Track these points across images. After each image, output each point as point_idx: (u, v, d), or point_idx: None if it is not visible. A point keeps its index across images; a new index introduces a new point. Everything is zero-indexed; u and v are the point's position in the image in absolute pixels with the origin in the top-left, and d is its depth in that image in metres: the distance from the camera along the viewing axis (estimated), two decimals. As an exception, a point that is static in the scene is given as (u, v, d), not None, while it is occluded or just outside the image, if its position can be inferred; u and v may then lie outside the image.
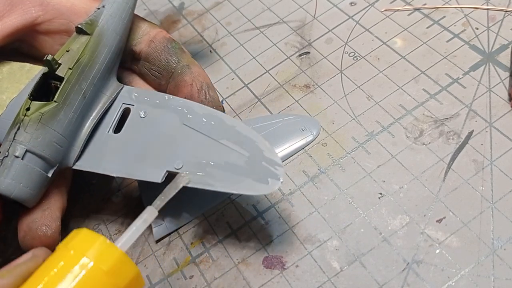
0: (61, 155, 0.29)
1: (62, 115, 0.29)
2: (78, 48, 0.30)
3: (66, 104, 0.29)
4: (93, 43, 0.31)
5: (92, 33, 0.31)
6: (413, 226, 0.30)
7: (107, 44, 0.31)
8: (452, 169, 0.31)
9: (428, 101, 0.35)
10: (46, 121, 0.28)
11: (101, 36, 0.31)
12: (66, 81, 0.29)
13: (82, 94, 0.29)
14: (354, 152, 0.34)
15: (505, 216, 0.29)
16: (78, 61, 0.30)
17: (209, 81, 0.34)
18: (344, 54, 0.40)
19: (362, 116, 0.35)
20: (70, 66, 0.29)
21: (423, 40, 0.38)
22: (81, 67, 0.30)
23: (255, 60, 0.42)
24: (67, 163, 0.29)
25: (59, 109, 0.28)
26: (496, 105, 0.33)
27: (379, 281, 0.28)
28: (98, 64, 0.31)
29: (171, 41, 0.34)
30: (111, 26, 0.32)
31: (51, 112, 0.28)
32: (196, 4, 0.48)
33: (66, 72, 0.29)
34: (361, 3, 0.43)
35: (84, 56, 0.30)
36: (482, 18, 0.38)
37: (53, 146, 0.28)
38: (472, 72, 0.36)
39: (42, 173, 0.28)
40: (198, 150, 0.28)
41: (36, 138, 0.28)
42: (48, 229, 0.28)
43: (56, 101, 0.28)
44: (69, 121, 0.29)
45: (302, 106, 0.37)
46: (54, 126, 0.28)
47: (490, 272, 0.27)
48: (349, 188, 0.32)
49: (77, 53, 0.30)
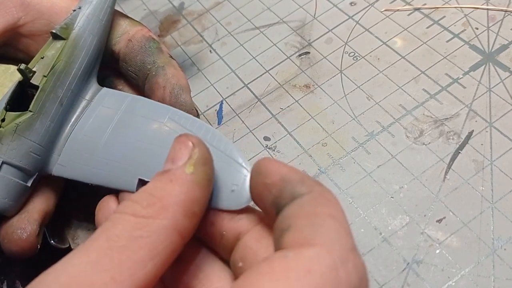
0: (40, 163, 0.28)
1: (38, 125, 0.28)
2: (53, 54, 0.29)
3: (42, 113, 0.28)
4: (68, 48, 0.30)
5: (67, 37, 0.30)
6: (413, 226, 0.30)
7: (83, 48, 0.30)
8: (452, 169, 0.31)
9: (428, 101, 0.35)
10: (21, 132, 0.27)
11: (77, 40, 0.30)
12: (41, 90, 0.28)
13: (58, 102, 0.29)
14: (354, 152, 0.34)
15: (505, 216, 0.29)
16: (53, 68, 0.29)
17: (183, 83, 0.32)
18: (344, 54, 0.40)
19: (362, 116, 0.35)
20: (44, 74, 0.29)
21: (423, 40, 0.38)
22: (56, 74, 0.29)
23: (255, 60, 0.42)
24: (47, 170, 0.29)
25: (35, 118, 0.28)
26: (496, 105, 0.33)
27: (379, 281, 0.28)
28: (75, 69, 0.30)
29: (150, 40, 0.33)
30: (87, 28, 0.31)
31: (27, 122, 0.27)
32: (196, 4, 0.48)
33: (41, 80, 0.28)
34: (361, 3, 0.43)
35: (59, 62, 0.29)
36: (482, 18, 0.38)
37: (30, 156, 0.28)
38: (472, 72, 0.36)
39: (21, 183, 0.27)
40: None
41: (12, 149, 0.27)
42: (23, 232, 0.28)
43: (32, 111, 0.28)
44: (46, 129, 0.28)
45: (302, 106, 0.37)
46: (31, 136, 0.28)
47: (490, 272, 0.27)
48: (349, 188, 0.32)
49: (52, 59, 0.29)
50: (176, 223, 0.20)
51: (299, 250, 0.18)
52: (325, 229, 0.19)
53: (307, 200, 0.20)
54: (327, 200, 0.20)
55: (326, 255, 0.18)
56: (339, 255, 0.18)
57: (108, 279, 0.18)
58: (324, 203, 0.20)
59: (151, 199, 0.21)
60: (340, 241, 0.18)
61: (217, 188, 0.24)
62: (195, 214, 0.21)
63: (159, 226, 0.20)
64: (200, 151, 0.22)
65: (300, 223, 0.19)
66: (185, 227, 0.21)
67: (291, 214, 0.20)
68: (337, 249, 0.18)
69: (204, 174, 0.22)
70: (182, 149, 0.22)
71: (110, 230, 0.20)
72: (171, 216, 0.20)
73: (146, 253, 0.19)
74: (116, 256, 0.19)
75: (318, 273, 0.17)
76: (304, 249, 0.18)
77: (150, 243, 0.19)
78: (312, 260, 0.17)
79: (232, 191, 0.24)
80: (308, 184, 0.21)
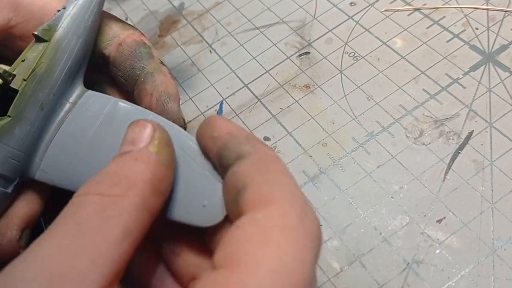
0: (21, 169, 0.27)
1: (17, 130, 0.27)
2: (35, 57, 0.29)
3: (21, 118, 0.27)
4: (51, 50, 0.29)
5: (50, 39, 0.29)
6: (413, 226, 0.30)
7: (67, 50, 0.29)
8: (452, 169, 0.31)
9: (428, 101, 0.35)
10: (0, 137, 0.27)
11: (60, 41, 0.29)
12: (20, 94, 0.27)
13: (39, 106, 0.28)
14: (354, 152, 0.34)
15: (505, 216, 0.29)
16: (33, 71, 0.28)
17: (172, 91, 0.31)
18: (344, 54, 0.40)
19: (362, 116, 0.35)
20: (24, 77, 0.28)
21: (423, 40, 0.38)
22: (37, 77, 0.28)
23: (255, 60, 0.42)
24: (29, 175, 0.28)
25: (14, 123, 0.27)
26: (496, 105, 0.33)
27: (379, 281, 0.28)
28: (57, 72, 0.29)
29: (141, 45, 0.33)
30: (72, 29, 0.30)
31: (5, 128, 0.27)
32: (196, 4, 0.48)
33: (20, 84, 0.28)
34: (361, 3, 0.43)
35: (40, 65, 0.28)
36: (482, 18, 0.38)
37: (9, 162, 0.27)
38: (472, 72, 0.36)
39: (0, 189, 0.27)
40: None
41: None
42: (4, 237, 0.27)
43: (10, 116, 0.27)
44: (26, 134, 0.27)
45: (302, 106, 0.37)
46: (9, 142, 0.27)
47: (490, 272, 0.27)
48: (349, 188, 0.32)
49: (33, 62, 0.28)
50: (145, 200, 0.20)
51: (266, 210, 0.19)
52: (281, 186, 0.20)
53: (256, 159, 0.21)
54: (273, 158, 0.21)
55: (291, 210, 0.19)
56: (300, 209, 0.19)
57: (89, 262, 0.18)
58: (271, 160, 0.21)
59: (116, 178, 0.20)
60: (296, 196, 0.20)
61: (187, 202, 0.23)
62: (162, 192, 0.21)
63: (128, 204, 0.20)
64: (161, 133, 0.22)
65: (256, 180, 0.20)
66: (153, 205, 0.21)
67: (243, 172, 0.21)
68: (297, 204, 0.19)
69: (168, 154, 0.22)
70: (142, 131, 0.22)
71: (77, 214, 0.19)
72: (140, 194, 0.20)
73: (119, 233, 0.19)
74: (91, 238, 0.18)
75: (290, 227, 0.19)
76: (270, 208, 0.19)
77: (122, 222, 0.19)
78: (282, 217, 0.19)
79: (204, 206, 0.23)
80: (253, 142, 0.22)
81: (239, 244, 0.19)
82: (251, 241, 0.18)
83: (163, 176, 0.21)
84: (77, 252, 0.18)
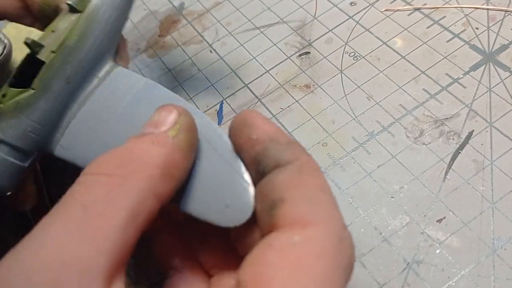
0: (40, 143, 0.27)
1: (40, 103, 0.26)
2: (66, 28, 0.27)
3: (46, 91, 0.26)
4: (83, 22, 0.27)
5: (83, 10, 0.28)
6: (413, 226, 0.30)
7: (100, 23, 0.28)
8: (452, 169, 0.31)
9: (428, 101, 0.35)
10: (21, 110, 0.26)
11: (94, 13, 0.28)
12: (47, 66, 0.26)
13: (66, 80, 0.26)
14: (354, 152, 0.34)
15: (505, 216, 0.29)
16: (63, 43, 0.27)
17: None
18: (344, 54, 0.40)
19: (362, 116, 0.35)
20: (53, 49, 0.27)
21: (423, 40, 0.38)
22: (66, 49, 0.27)
23: (255, 60, 0.42)
24: (48, 150, 0.27)
25: (37, 96, 0.26)
26: (496, 105, 0.33)
27: (379, 281, 0.28)
28: (88, 46, 0.27)
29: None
30: (107, 1, 0.28)
31: (28, 100, 0.26)
32: (196, 4, 0.48)
33: (47, 56, 0.26)
34: (361, 3, 0.43)
35: (71, 37, 0.27)
36: (482, 18, 0.38)
37: (29, 136, 0.26)
38: (472, 72, 0.36)
39: (17, 163, 0.26)
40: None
41: (10, 127, 0.26)
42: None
43: (34, 88, 0.26)
44: (49, 109, 0.26)
45: (302, 106, 0.37)
46: (31, 115, 0.26)
47: (491, 272, 0.27)
48: (349, 188, 0.32)
49: (63, 33, 0.27)
50: (153, 184, 0.19)
51: (304, 233, 0.18)
52: (320, 206, 0.19)
53: (295, 170, 0.20)
54: (314, 170, 0.20)
55: (329, 236, 0.18)
56: (338, 233, 0.18)
57: (94, 251, 0.17)
58: (311, 173, 0.20)
59: (128, 158, 0.20)
60: (335, 218, 0.19)
61: (209, 198, 0.22)
62: (174, 177, 0.20)
63: (135, 186, 0.19)
64: (186, 119, 0.22)
65: (294, 196, 0.19)
66: (162, 190, 0.19)
67: (281, 184, 0.20)
68: (335, 228, 0.18)
69: (188, 139, 0.21)
70: (167, 115, 0.21)
71: (84, 196, 0.18)
72: (148, 177, 0.19)
73: (125, 217, 0.18)
74: (96, 225, 0.18)
75: (327, 256, 0.18)
76: (308, 231, 0.18)
77: (128, 206, 0.18)
78: (320, 243, 0.18)
79: (227, 205, 0.21)
80: (293, 150, 0.20)
81: (270, 266, 0.18)
82: (284, 266, 0.18)
83: (177, 161, 0.20)
84: (82, 239, 0.17)
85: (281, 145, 0.20)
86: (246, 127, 0.21)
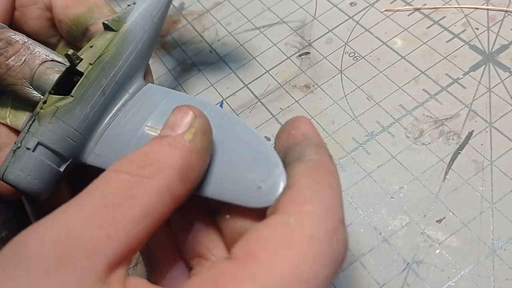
0: (75, 150, 0.29)
1: (78, 110, 0.28)
2: (102, 44, 0.30)
3: (83, 99, 0.29)
4: (118, 40, 0.31)
5: (118, 30, 0.31)
6: (413, 226, 0.30)
7: (133, 42, 0.31)
8: (452, 169, 0.31)
9: (428, 101, 0.35)
10: (60, 115, 0.28)
11: (127, 33, 0.31)
12: (85, 77, 0.29)
13: (101, 91, 0.29)
14: (354, 152, 0.34)
15: (505, 216, 0.29)
16: (100, 57, 0.30)
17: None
18: (344, 54, 0.40)
19: (362, 116, 0.36)
20: (91, 62, 0.29)
21: (423, 40, 0.38)
22: (102, 63, 0.30)
23: (255, 60, 0.42)
24: (82, 158, 0.29)
25: (75, 104, 0.28)
26: (496, 105, 0.33)
27: (379, 281, 0.28)
28: (121, 62, 0.30)
29: None
30: (139, 23, 0.32)
31: (67, 107, 0.28)
32: (196, 4, 0.48)
33: (86, 68, 0.29)
34: (361, 3, 0.43)
35: (107, 53, 0.30)
36: (482, 18, 0.38)
37: (66, 141, 0.28)
38: (472, 72, 0.36)
39: (53, 167, 0.28)
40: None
41: (49, 131, 0.28)
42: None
43: (73, 96, 0.28)
44: (85, 116, 0.29)
45: (302, 106, 0.37)
46: (69, 121, 0.28)
47: (490, 272, 0.27)
48: (349, 188, 0.32)
49: (100, 49, 0.30)
50: (171, 185, 0.20)
51: (300, 216, 0.19)
52: (323, 198, 0.20)
53: (312, 165, 0.21)
54: (329, 170, 0.21)
55: (324, 224, 0.19)
56: (333, 224, 0.19)
57: (104, 235, 0.19)
58: (326, 171, 0.21)
59: (147, 160, 0.21)
60: (334, 211, 0.20)
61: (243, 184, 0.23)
62: (190, 180, 0.21)
63: (153, 186, 0.20)
64: (201, 122, 0.23)
65: (301, 184, 0.20)
66: (179, 191, 0.21)
67: (294, 174, 0.21)
68: (331, 218, 0.19)
69: (203, 143, 0.22)
70: (183, 117, 0.23)
71: (105, 188, 0.20)
72: (167, 178, 0.20)
73: (139, 212, 0.19)
74: (111, 213, 0.19)
75: (317, 240, 0.19)
76: (305, 215, 0.19)
77: (144, 202, 0.20)
78: (313, 227, 0.19)
79: (259, 187, 0.23)
80: (320, 151, 0.22)
81: (261, 240, 0.19)
82: (275, 242, 0.19)
83: (193, 164, 0.22)
84: (95, 224, 0.19)
85: (310, 143, 0.22)
86: (290, 124, 0.24)
